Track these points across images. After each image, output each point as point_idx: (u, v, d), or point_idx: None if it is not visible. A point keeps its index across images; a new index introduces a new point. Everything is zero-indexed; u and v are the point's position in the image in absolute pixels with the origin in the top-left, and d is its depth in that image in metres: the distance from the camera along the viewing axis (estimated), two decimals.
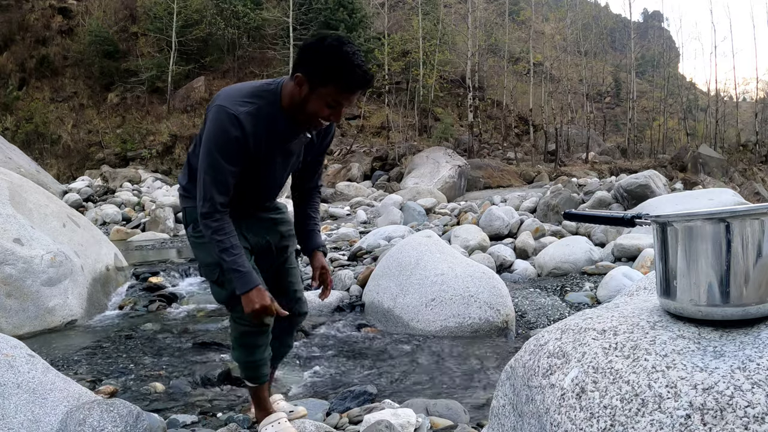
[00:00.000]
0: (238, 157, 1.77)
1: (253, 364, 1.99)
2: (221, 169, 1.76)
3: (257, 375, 2.02)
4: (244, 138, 1.75)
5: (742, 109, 37.74)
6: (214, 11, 25.87)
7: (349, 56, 1.68)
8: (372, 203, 13.81)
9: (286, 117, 1.81)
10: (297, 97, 1.76)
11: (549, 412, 1.03)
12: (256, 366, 1.99)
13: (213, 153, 1.75)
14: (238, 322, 1.92)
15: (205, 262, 1.95)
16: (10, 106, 23.90)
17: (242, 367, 2.02)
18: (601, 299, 4.25)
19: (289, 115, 1.80)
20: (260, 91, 1.80)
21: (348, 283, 4.80)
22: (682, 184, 16.28)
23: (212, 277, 1.94)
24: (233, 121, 1.72)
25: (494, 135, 28.80)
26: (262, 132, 1.79)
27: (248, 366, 2.00)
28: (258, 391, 2.06)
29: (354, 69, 1.69)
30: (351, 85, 1.71)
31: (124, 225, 11.08)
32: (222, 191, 1.78)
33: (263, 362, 2.00)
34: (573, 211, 1.38)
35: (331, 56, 1.69)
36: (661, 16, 56.87)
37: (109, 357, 3.43)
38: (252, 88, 1.81)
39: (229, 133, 1.73)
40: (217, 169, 1.76)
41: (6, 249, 3.94)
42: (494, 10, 32.45)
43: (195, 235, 1.96)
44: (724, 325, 1.01)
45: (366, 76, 1.71)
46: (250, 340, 1.94)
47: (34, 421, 1.83)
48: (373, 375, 3.08)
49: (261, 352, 1.98)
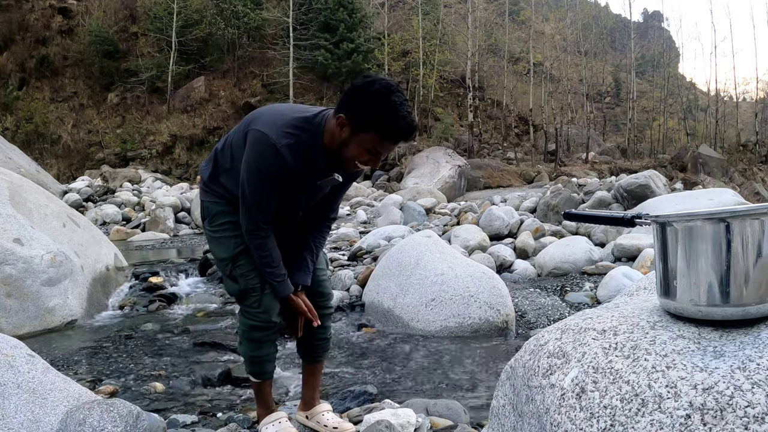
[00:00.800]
0: (280, 183, 1.80)
1: (259, 359, 1.99)
2: (263, 194, 1.80)
3: (262, 371, 2.01)
4: (284, 168, 1.76)
5: (742, 109, 37.74)
6: (214, 11, 25.86)
7: (396, 106, 1.64)
8: (372, 203, 13.81)
9: (327, 153, 1.79)
10: (338, 137, 1.73)
11: (549, 412, 1.03)
12: (261, 361, 1.99)
13: (255, 181, 1.78)
14: (246, 316, 1.93)
15: (220, 257, 1.96)
16: (10, 106, 23.90)
17: (248, 362, 2.02)
18: (601, 299, 4.25)
19: (328, 151, 1.79)
20: (303, 122, 1.77)
21: (348, 283, 4.80)
22: (682, 184, 16.28)
23: (225, 272, 1.95)
24: (275, 152, 1.72)
25: (494, 135, 28.80)
26: (301, 165, 1.78)
27: (254, 361, 1.99)
28: (261, 387, 2.06)
29: (399, 120, 1.65)
30: (394, 136, 1.69)
31: (124, 225, 11.08)
32: (265, 212, 1.83)
33: (269, 358, 2.00)
34: (573, 211, 1.38)
35: (378, 104, 1.65)
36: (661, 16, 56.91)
37: (109, 357, 3.43)
38: (294, 119, 1.78)
39: (270, 163, 1.74)
40: (259, 195, 1.80)
41: (6, 249, 3.94)
42: (494, 10, 32.44)
43: (211, 230, 1.97)
44: (724, 325, 1.01)
45: (410, 127, 1.68)
46: (257, 334, 1.94)
47: (34, 421, 1.83)
48: (373, 375, 3.08)
49: (267, 347, 1.98)
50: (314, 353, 2.15)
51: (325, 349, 2.17)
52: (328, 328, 2.15)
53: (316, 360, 2.16)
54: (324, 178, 1.86)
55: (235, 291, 1.95)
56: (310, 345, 2.12)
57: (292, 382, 2.95)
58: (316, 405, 2.15)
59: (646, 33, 45.59)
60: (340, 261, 5.99)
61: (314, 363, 2.16)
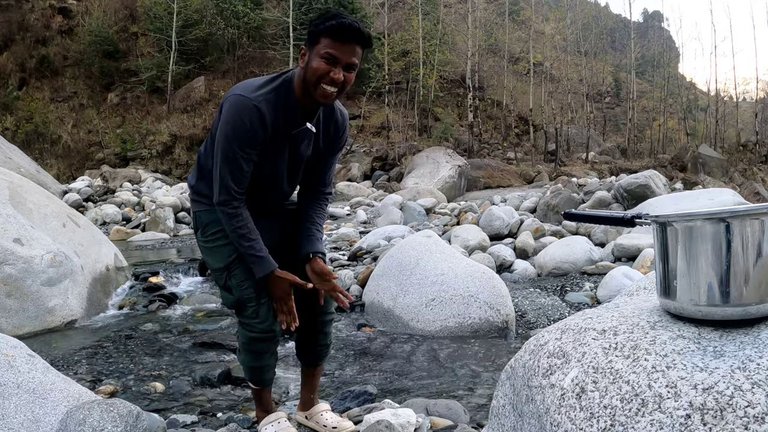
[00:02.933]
0: (254, 144, 1.77)
1: (259, 369, 1.98)
2: (237, 156, 1.76)
3: (262, 379, 2.01)
4: (261, 124, 1.75)
5: (742, 109, 37.74)
6: (214, 11, 25.87)
7: (339, 13, 1.74)
8: (372, 203, 13.80)
9: (299, 106, 1.82)
10: (302, 70, 1.77)
11: (549, 412, 1.03)
12: (261, 370, 1.99)
13: (229, 139, 1.76)
14: (246, 328, 1.90)
15: (214, 267, 1.94)
16: (10, 106, 23.89)
17: (247, 371, 2.01)
18: (601, 299, 4.25)
19: (301, 103, 1.82)
20: (275, 80, 1.82)
21: (348, 283, 4.80)
22: (682, 184, 16.28)
23: (221, 282, 1.93)
24: (251, 108, 1.73)
25: (494, 135, 28.80)
26: (278, 118, 1.79)
27: (254, 370, 1.99)
28: (261, 393, 2.06)
29: (341, 19, 1.71)
30: (341, 34, 1.70)
31: (124, 225, 11.07)
32: (238, 179, 1.79)
33: (269, 368, 1.99)
34: (573, 211, 1.38)
35: (323, 16, 1.74)
36: (661, 16, 56.83)
37: (109, 357, 3.43)
38: (266, 79, 1.83)
39: (246, 119, 1.73)
40: (233, 156, 1.76)
41: (6, 249, 3.94)
42: (494, 10, 32.47)
43: (204, 240, 1.95)
44: (724, 325, 1.01)
45: (354, 25, 1.71)
46: (257, 346, 1.92)
47: (34, 421, 1.83)
48: (373, 375, 3.08)
49: (267, 358, 1.96)
50: (314, 358, 2.14)
51: (325, 355, 2.15)
52: (329, 333, 2.13)
53: (316, 364, 2.16)
54: (298, 129, 1.85)
55: (231, 302, 1.92)
56: (310, 350, 2.11)
57: (292, 382, 2.95)
58: (315, 405, 2.15)
59: (646, 33, 45.61)
60: (340, 261, 5.99)
61: (314, 367, 2.16)
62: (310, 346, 2.10)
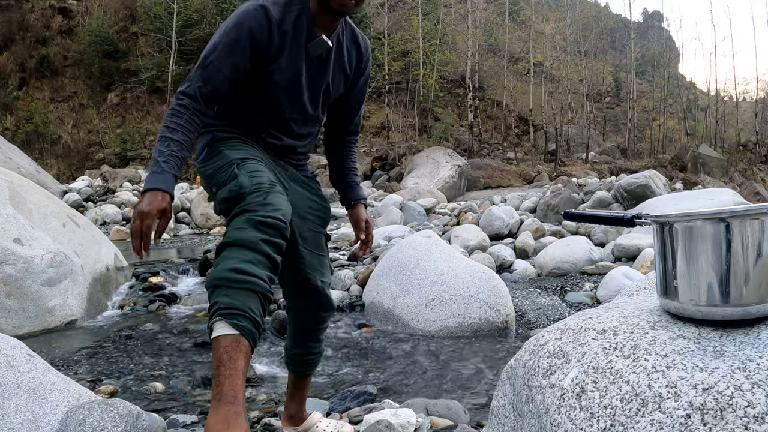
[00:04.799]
0: (246, 51, 1.58)
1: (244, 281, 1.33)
2: (221, 55, 1.57)
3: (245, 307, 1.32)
4: (268, 27, 1.58)
5: (742, 109, 37.75)
6: (214, 11, 25.85)
7: None
8: (372, 203, 13.80)
9: (317, 21, 1.67)
10: None
11: (549, 412, 1.03)
12: (246, 283, 1.34)
13: (221, 34, 1.59)
14: (248, 214, 1.43)
15: (219, 164, 1.62)
16: (10, 106, 23.90)
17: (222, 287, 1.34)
18: (601, 299, 4.25)
19: (318, 19, 1.67)
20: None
21: (348, 283, 4.80)
22: (682, 184, 16.29)
23: (222, 178, 1.58)
24: (259, 9, 1.57)
25: (494, 135, 28.82)
26: (289, 24, 1.62)
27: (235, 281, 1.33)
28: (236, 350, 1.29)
29: None
30: None
31: (124, 225, 11.07)
32: (208, 80, 1.56)
33: (258, 285, 1.34)
34: (573, 211, 1.38)
35: None
36: (661, 16, 56.89)
37: (109, 357, 3.43)
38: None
39: (248, 21, 1.57)
40: (217, 53, 1.57)
41: (6, 249, 3.94)
42: (494, 10, 32.47)
43: (205, 169, 1.68)
44: (724, 325, 1.01)
45: None
46: (255, 234, 1.39)
47: (34, 421, 1.83)
48: (373, 375, 3.08)
49: (262, 266, 1.37)
50: (304, 368, 1.95)
51: (316, 363, 1.97)
52: (322, 341, 1.96)
53: (306, 374, 1.97)
54: (314, 41, 1.68)
55: (234, 192, 1.47)
56: (301, 359, 1.92)
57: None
58: (307, 419, 1.99)
59: (646, 33, 45.61)
60: (340, 261, 5.99)
61: (303, 378, 1.97)
62: (301, 351, 1.91)
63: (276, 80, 1.66)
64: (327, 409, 2.42)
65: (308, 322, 1.89)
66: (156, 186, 1.45)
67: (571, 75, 31.97)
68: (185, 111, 1.55)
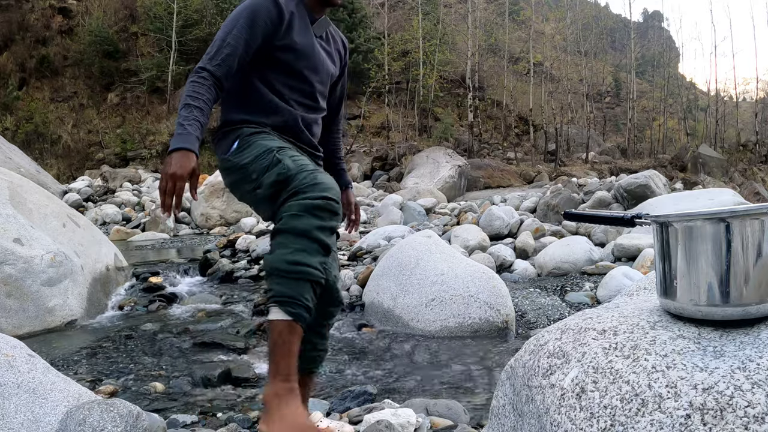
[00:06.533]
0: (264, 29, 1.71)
1: (301, 273, 1.46)
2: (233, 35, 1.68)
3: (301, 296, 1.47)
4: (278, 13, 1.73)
5: (742, 109, 37.74)
6: (214, 11, 25.84)
7: None
8: (372, 203, 13.79)
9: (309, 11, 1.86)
10: None
11: (549, 412, 1.03)
12: (304, 274, 1.46)
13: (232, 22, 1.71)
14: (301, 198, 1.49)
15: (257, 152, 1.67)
16: (10, 106, 23.87)
17: (282, 278, 1.46)
18: (601, 299, 4.25)
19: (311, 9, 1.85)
20: None
21: (348, 283, 4.80)
22: (682, 184, 16.29)
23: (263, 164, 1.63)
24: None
25: (494, 135, 28.80)
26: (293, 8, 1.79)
27: (293, 273, 1.46)
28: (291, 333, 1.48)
29: None
30: None
31: (124, 225, 11.08)
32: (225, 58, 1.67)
33: (314, 275, 1.47)
34: (573, 211, 1.38)
35: None
36: (661, 16, 56.86)
37: (109, 357, 3.43)
38: None
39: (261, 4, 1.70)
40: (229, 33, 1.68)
41: (6, 249, 3.94)
42: (494, 10, 32.47)
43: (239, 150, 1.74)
44: (724, 325, 1.01)
45: None
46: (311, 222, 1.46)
47: (34, 421, 1.83)
48: (373, 375, 3.08)
49: (315, 254, 1.47)
50: (311, 364, 1.95)
51: (321, 360, 2.00)
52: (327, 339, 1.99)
53: (312, 371, 1.97)
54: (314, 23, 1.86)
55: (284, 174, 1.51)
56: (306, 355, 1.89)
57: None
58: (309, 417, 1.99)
59: (646, 33, 45.61)
60: (340, 261, 5.99)
61: (309, 374, 1.96)
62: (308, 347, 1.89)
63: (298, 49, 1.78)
64: (327, 409, 2.42)
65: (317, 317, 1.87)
66: (183, 146, 1.53)
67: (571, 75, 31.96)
68: (205, 81, 1.64)
